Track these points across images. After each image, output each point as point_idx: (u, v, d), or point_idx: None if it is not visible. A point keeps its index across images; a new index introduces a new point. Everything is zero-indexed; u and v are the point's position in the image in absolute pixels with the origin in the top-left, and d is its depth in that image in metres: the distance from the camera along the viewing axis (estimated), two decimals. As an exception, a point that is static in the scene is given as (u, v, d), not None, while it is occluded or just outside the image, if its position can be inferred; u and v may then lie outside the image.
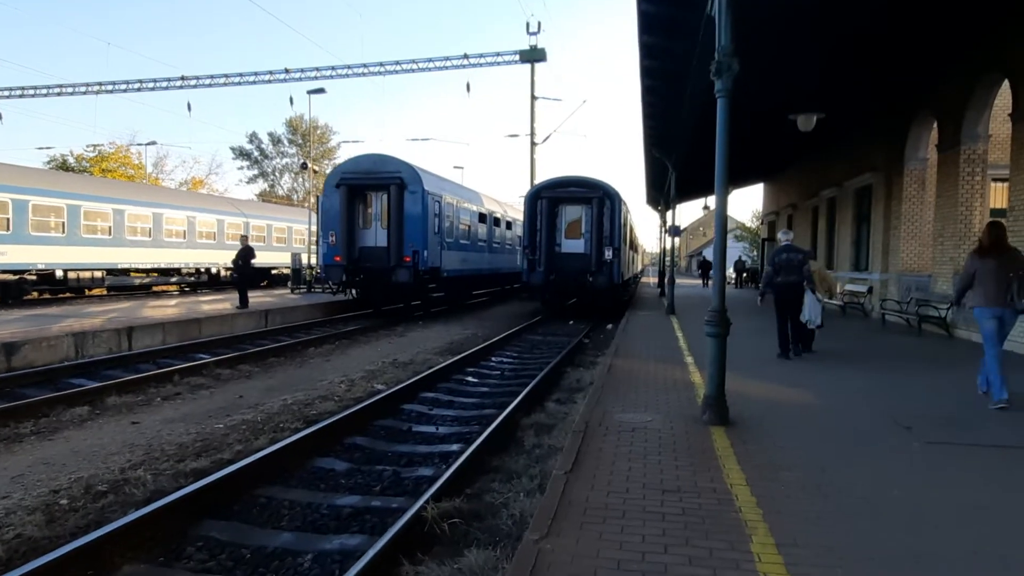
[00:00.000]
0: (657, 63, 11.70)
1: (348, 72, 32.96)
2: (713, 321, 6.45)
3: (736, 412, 6.88)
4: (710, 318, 6.49)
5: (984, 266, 7.56)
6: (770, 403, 7.70)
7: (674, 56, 11.16)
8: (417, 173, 19.93)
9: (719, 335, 6.46)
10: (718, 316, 6.44)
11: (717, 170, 6.45)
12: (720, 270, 6.59)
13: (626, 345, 12.75)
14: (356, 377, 11.14)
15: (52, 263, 23.99)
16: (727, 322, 6.50)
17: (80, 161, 63.48)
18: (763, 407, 7.43)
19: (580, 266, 20.87)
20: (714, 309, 6.47)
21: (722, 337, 6.48)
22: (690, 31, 9.08)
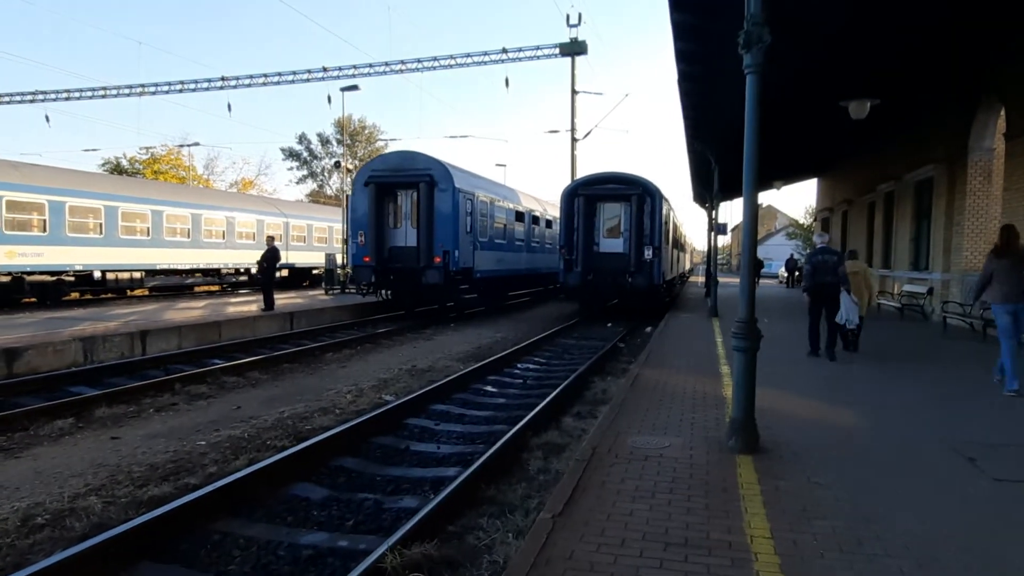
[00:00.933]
0: (691, 45, 10.73)
1: (386, 70, 32.54)
2: (741, 333, 5.55)
3: (768, 435, 5.97)
4: (737, 329, 5.59)
5: (999, 266, 8.43)
6: (808, 424, 6.73)
7: (709, 37, 10.20)
8: (447, 170, 19.25)
9: (748, 349, 5.55)
10: (746, 327, 5.54)
11: (746, 158, 5.56)
12: (748, 271, 5.66)
13: (659, 352, 11.82)
14: (366, 386, 10.48)
15: (90, 264, 24.04)
16: (757, 334, 5.58)
17: (133, 163, 64.90)
18: (800, 429, 6.47)
19: (619, 266, 19.94)
20: (742, 319, 5.57)
21: (751, 352, 5.57)
22: (724, 6, 8.15)
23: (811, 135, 18.92)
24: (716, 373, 9.62)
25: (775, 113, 15.77)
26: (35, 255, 21.95)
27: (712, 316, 18.48)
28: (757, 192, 5.72)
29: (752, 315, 5.55)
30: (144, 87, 37.82)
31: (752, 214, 5.80)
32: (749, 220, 5.78)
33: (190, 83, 36.57)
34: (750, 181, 5.60)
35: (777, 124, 16.51)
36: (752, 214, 5.80)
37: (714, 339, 13.50)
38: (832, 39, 10.65)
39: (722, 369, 9.91)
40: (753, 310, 5.58)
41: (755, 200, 5.80)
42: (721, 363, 10.44)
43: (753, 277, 5.61)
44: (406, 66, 32.13)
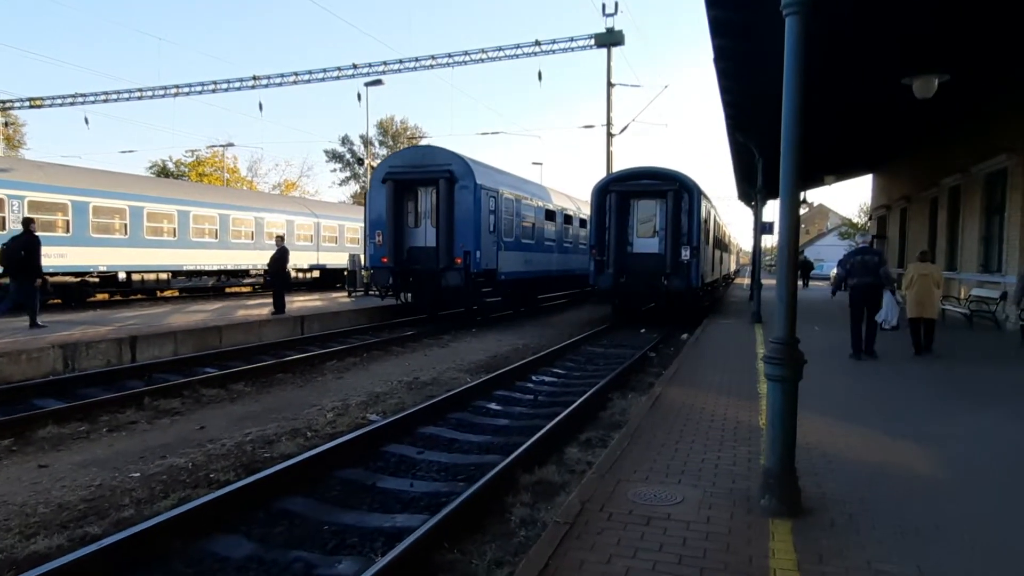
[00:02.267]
0: (727, 13, 9.31)
1: (416, 65, 31.54)
2: (777, 358, 4.19)
3: (813, 486, 4.62)
4: (772, 352, 4.23)
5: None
6: (868, 469, 5.30)
7: (747, 4, 8.80)
8: (469, 166, 18.07)
9: (785, 379, 4.19)
10: (784, 350, 4.17)
11: (784, 132, 4.22)
12: (788, 274, 4.28)
13: (690, 364, 10.42)
14: (355, 402, 9.33)
15: (114, 265, 23.55)
16: (798, 359, 4.21)
17: (178, 166, 65.51)
18: (856, 476, 5.07)
19: (654, 267, 18.51)
20: (778, 338, 4.21)
21: (790, 383, 4.20)
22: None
23: (866, 122, 17.18)
24: (753, 394, 8.18)
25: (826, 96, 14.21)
26: (58, 256, 21.49)
27: (755, 322, 16.91)
28: (800, 179, 4.34)
29: (792, 333, 4.19)
30: (179, 87, 37.60)
31: (791, 204, 4.41)
32: (788, 212, 4.38)
33: (222, 83, 36.21)
34: (791, 164, 4.24)
35: (827, 109, 14.91)
36: (791, 204, 4.41)
37: (754, 349, 12.01)
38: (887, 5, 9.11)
39: (760, 388, 8.48)
40: (794, 326, 4.21)
41: (796, 188, 4.41)
42: (760, 380, 8.99)
43: (794, 282, 4.24)
44: (436, 61, 31.10)
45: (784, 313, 4.17)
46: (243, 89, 35.71)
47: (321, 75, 33.78)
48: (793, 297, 4.19)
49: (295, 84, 34.55)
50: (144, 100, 38.73)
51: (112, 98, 39.62)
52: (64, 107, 41.60)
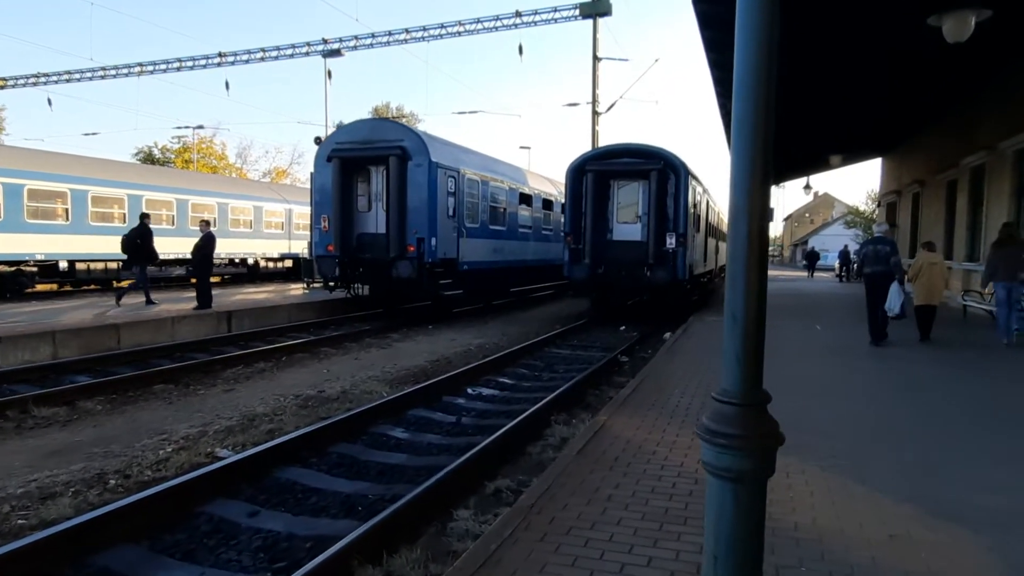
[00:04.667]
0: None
1: (389, 40, 29.32)
2: (727, 436, 2.04)
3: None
4: (717, 422, 2.08)
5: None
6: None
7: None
8: (423, 141, 15.90)
9: (743, 477, 2.06)
10: (742, 420, 2.04)
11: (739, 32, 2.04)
12: (752, 279, 2.11)
13: (656, 379, 8.27)
14: (216, 428, 7.22)
15: (54, 253, 21.51)
16: (769, 437, 2.07)
17: (164, 152, 63.49)
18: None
19: (635, 257, 16.33)
20: (730, 395, 2.07)
21: (753, 483, 2.07)
22: None
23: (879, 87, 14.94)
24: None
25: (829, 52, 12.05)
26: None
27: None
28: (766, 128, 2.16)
29: (757, 383, 2.05)
30: (142, 66, 35.42)
31: (748, 158, 2.22)
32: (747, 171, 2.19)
33: (187, 60, 34.00)
34: (752, 87, 2.07)
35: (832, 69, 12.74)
36: (748, 158, 2.22)
37: (742, 357, 9.89)
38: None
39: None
40: (759, 368, 2.07)
41: (758, 133, 2.23)
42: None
43: (760, 291, 2.07)
44: (410, 35, 28.86)
45: (740, 347, 2.04)
46: (209, 67, 33.52)
47: (290, 51, 31.58)
48: (759, 318, 2.05)
49: (263, 61, 32.35)
50: (108, 79, 36.60)
51: (75, 78, 37.48)
52: (27, 87, 39.51)
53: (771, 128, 2.02)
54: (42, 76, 38.67)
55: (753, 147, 2.03)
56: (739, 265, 2.06)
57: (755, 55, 2.00)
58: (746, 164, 2.05)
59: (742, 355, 2.06)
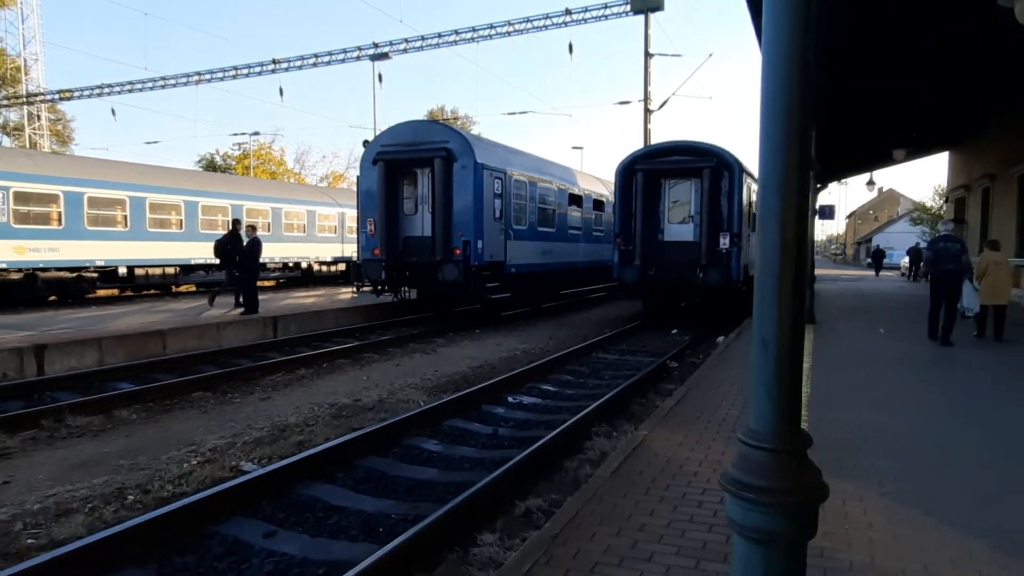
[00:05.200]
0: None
1: (439, 42, 29.25)
2: (756, 490, 1.63)
3: None
4: (748, 472, 1.68)
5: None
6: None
7: None
8: (468, 142, 15.66)
9: (776, 539, 1.65)
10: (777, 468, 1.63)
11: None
12: (788, 294, 1.69)
13: (703, 388, 7.77)
14: (245, 440, 7.04)
15: (113, 260, 22.04)
16: (811, 490, 1.65)
17: (225, 159, 65.12)
18: None
19: (687, 258, 15.78)
20: (762, 440, 1.66)
21: (793, 545, 1.66)
22: None
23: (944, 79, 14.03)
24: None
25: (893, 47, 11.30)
26: (50, 250, 20.06)
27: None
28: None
29: (795, 426, 1.64)
30: (200, 74, 36.26)
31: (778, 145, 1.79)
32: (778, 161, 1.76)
33: (243, 68, 34.62)
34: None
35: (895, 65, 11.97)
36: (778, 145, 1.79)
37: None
38: None
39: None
40: (798, 408, 1.66)
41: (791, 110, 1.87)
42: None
43: (799, 309, 1.65)
44: (460, 36, 28.71)
45: (773, 379, 1.64)
46: (263, 74, 34.05)
47: (341, 56, 31.82)
48: (795, 343, 1.64)
49: (315, 67, 32.71)
50: (167, 89, 37.57)
51: (136, 88, 38.63)
52: (92, 99, 40.92)
53: (809, 106, 1.61)
54: (105, 87, 39.97)
55: (785, 130, 1.62)
56: (770, 279, 1.65)
57: (787, 7, 1.60)
58: (776, 153, 1.64)
59: (775, 389, 1.65)
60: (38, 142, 45.07)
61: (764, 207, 1.66)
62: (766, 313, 1.66)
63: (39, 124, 46.96)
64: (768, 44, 1.66)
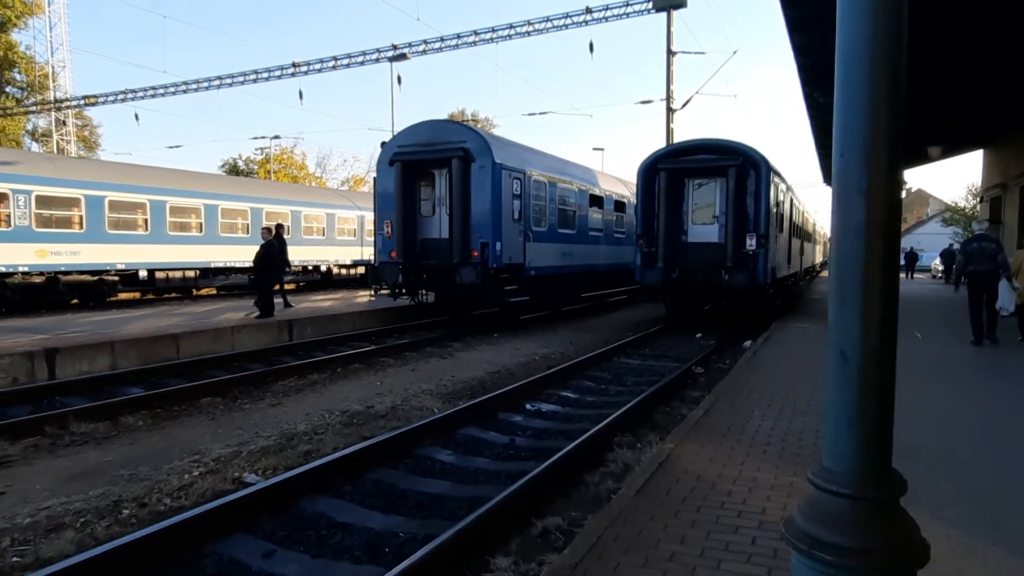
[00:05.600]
0: None
1: (458, 42, 28.97)
2: (837, 552, 1.26)
3: None
4: (822, 528, 1.30)
5: None
6: None
7: None
8: (486, 142, 15.31)
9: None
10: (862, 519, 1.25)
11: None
12: (878, 295, 1.32)
13: (733, 396, 7.35)
14: (250, 449, 6.73)
15: (133, 263, 22.00)
16: (903, 539, 1.28)
17: (248, 163, 65.46)
18: None
19: (712, 260, 15.31)
20: (839, 485, 1.29)
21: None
22: None
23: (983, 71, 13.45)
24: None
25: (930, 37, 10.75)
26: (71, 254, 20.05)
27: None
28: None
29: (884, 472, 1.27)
30: (221, 79, 36.32)
31: (863, 97, 1.43)
32: (863, 119, 1.42)
33: (263, 71, 34.59)
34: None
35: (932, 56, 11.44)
36: (863, 97, 1.43)
37: (833, 370, 8.82)
38: None
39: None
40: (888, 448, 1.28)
41: (880, 49, 1.44)
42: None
43: (883, 306, 1.27)
44: (479, 37, 28.40)
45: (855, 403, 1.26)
46: (283, 77, 33.96)
47: (360, 58, 31.64)
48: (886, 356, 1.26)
49: (335, 69, 32.53)
50: (189, 93, 37.69)
51: (159, 92, 38.77)
52: (116, 104, 41.19)
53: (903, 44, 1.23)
54: (129, 92, 40.20)
55: (873, 78, 1.24)
56: (851, 274, 1.27)
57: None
58: (859, 103, 1.27)
59: (858, 415, 1.28)
60: (66, 148, 45.49)
61: (842, 180, 1.28)
62: (846, 318, 1.28)
63: (66, 130, 47.42)
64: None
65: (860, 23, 1.24)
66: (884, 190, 1.24)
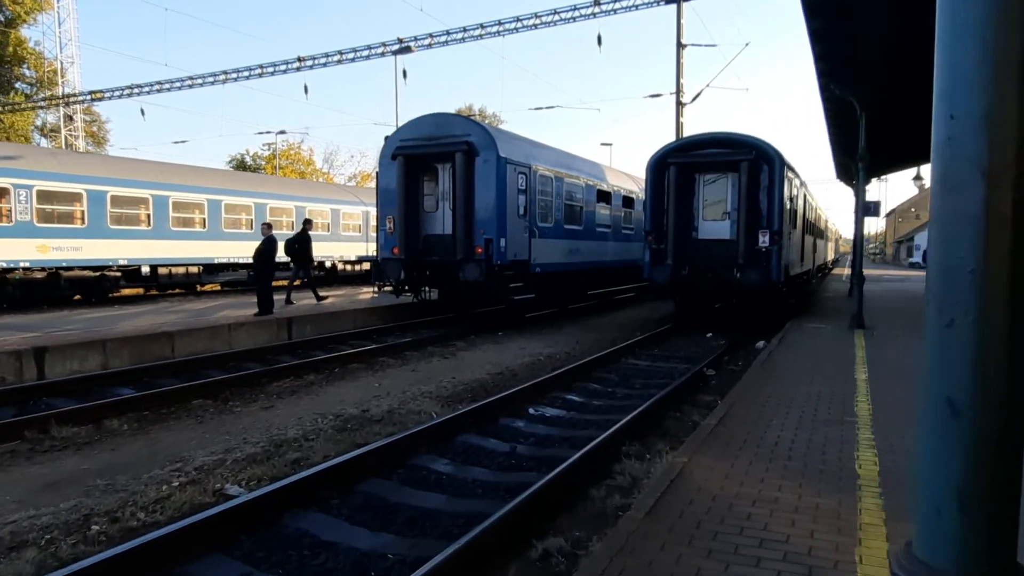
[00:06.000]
0: None
1: (464, 36, 28.58)
2: None
3: None
4: None
5: None
6: None
7: None
8: (491, 135, 14.91)
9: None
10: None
11: None
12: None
13: (749, 403, 6.93)
14: (236, 457, 6.37)
15: (136, 259, 21.73)
16: None
17: (255, 159, 65.30)
18: None
19: (723, 257, 14.86)
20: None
21: None
22: None
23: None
24: (848, 477, 4.69)
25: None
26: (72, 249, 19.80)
27: (855, 328, 13.07)
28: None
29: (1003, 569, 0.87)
30: (227, 73, 36.05)
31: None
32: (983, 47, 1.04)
33: (268, 66, 34.28)
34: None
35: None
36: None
37: (853, 374, 8.38)
38: None
39: (863, 466, 4.98)
40: (1012, 529, 0.88)
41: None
42: (862, 446, 5.44)
43: (1013, 333, 0.89)
44: (485, 30, 28.00)
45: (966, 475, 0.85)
46: (288, 72, 33.66)
47: (366, 52, 31.31)
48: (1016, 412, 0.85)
49: (340, 64, 32.25)
50: (195, 88, 37.41)
51: (164, 87, 38.54)
52: (122, 99, 40.95)
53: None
54: (135, 87, 39.97)
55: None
56: (962, 287, 0.87)
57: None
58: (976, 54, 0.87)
59: (971, 493, 0.88)
60: (74, 143, 45.30)
61: (950, 154, 0.88)
62: (954, 349, 0.88)
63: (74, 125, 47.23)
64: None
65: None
66: (1015, 168, 0.85)
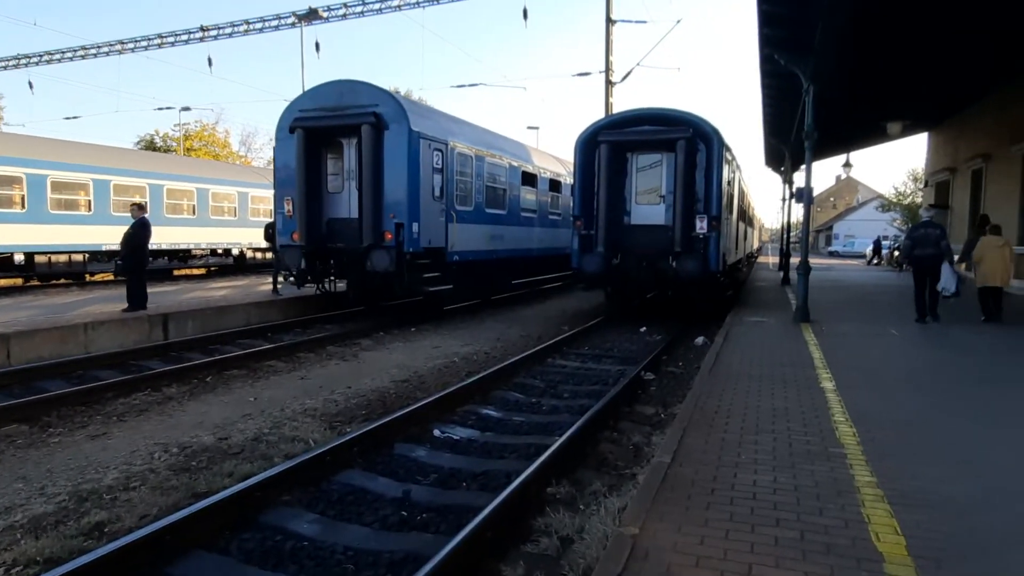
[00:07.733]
0: None
1: (381, 7, 26.57)
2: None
3: None
4: None
5: None
6: None
7: None
8: (401, 106, 13.15)
9: None
10: None
11: None
12: None
13: (704, 428, 5.50)
14: (16, 520, 4.57)
15: (7, 246, 19.13)
16: None
17: (166, 140, 61.31)
18: None
19: (659, 244, 13.55)
20: None
21: None
22: None
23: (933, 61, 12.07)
24: (867, 562, 3.30)
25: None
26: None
27: (801, 321, 11.98)
28: None
29: None
30: (123, 43, 32.90)
31: None
32: None
33: (168, 36, 31.40)
34: None
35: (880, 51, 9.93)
36: None
37: (817, 382, 7.11)
38: None
39: (879, 534, 3.59)
40: None
41: None
42: (866, 498, 4.06)
43: None
44: (405, 1, 26.06)
45: None
46: (191, 43, 30.89)
47: (275, 22, 28.91)
48: None
49: (247, 34, 29.68)
50: (88, 59, 34.09)
51: (56, 59, 35.07)
52: (9, 70, 37.20)
53: None
54: (23, 58, 36.36)
55: None
56: None
57: None
58: None
59: None
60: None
61: None
62: None
63: (-42, 102, 42.79)
64: None
65: None
66: None
